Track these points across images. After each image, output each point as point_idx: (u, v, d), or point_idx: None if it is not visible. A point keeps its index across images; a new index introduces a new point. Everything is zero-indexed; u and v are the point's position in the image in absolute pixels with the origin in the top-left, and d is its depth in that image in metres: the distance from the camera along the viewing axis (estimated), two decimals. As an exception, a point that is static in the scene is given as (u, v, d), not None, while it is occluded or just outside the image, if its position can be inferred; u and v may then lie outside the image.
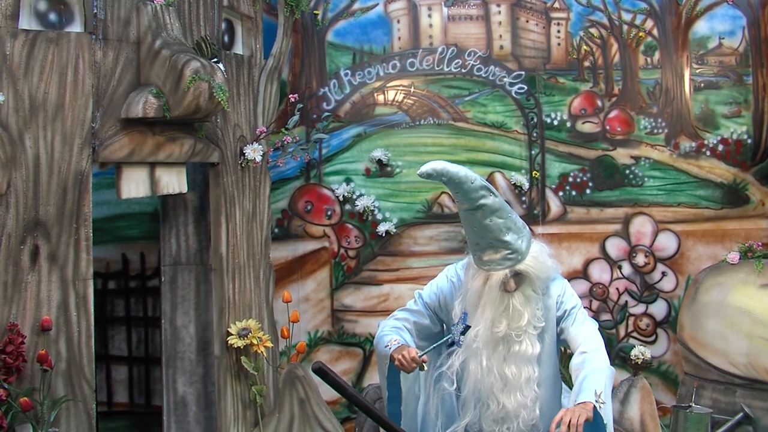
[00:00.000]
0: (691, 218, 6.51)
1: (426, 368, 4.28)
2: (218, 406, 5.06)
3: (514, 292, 4.28)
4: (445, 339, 4.45)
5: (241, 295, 5.25)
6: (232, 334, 5.04)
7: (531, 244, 4.34)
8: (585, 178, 6.43)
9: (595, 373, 4.19)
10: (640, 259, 6.49)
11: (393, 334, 4.48)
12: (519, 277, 4.27)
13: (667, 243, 6.51)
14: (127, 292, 6.08)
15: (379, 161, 6.31)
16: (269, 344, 5.17)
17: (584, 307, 4.49)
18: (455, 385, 4.41)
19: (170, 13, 4.66)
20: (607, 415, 4.11)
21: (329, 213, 6.34)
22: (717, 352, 5.85)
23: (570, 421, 3.93)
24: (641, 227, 6.51)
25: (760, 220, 6.50)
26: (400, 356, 4.24)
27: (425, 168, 4.05)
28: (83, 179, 4.44)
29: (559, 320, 4.41)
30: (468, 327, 4.31)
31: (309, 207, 6.34)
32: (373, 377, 6.24)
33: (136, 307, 6.08)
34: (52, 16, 4.50)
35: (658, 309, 6.49)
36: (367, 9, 6.46)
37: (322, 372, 4.30)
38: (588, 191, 6.45)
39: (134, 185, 4.64)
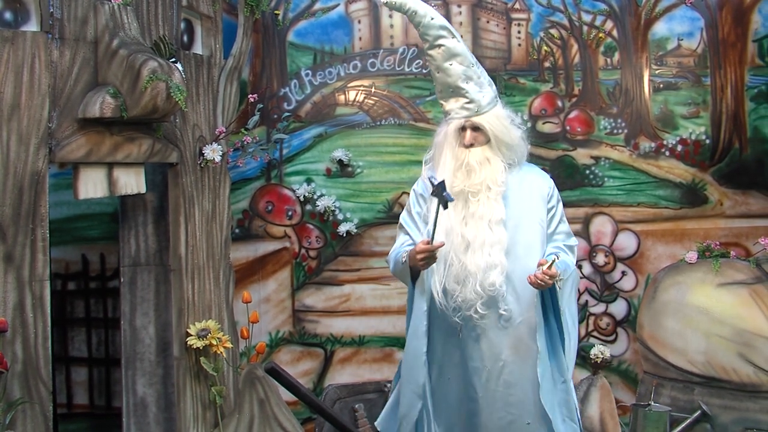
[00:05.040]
0: (650, 218, 6.55)
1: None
2: (178, 407, 5.04)
3: (472, 148, 4.32)
4: (436, 212, 4.09)
5: (201, 296, 5.23)
6: (191, 335, 5.02)
7: (496, 106, 4.40)
8: (545, 178, 6.43)
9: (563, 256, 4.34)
10: (600, 258, 6.53)
11: (401, 251, 4.44)
12: (477, 132, 4.32)
13: (626, 243, 6.54)
14: (87, 293, 6.03)
15: (340, 161, 6.30)
16: (229, 345, 5.15)
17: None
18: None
19: (128, 12, 4.64)
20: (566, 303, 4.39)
21: (290, 213, 6.33)
22: (676, 351, 5.90)
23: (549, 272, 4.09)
24: (601, 227, 6.54)
25: (718, 219, 6.55)
26: (416, 257, 4.18)
27: None
28: (40, 179, 4.40)
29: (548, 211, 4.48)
30: (442, 181, 4.08)
31: (270, 207, 6.33)
32: (334, 377, 6.25)
33: (96, 308, 6.04)
34: (8, 15, 4.45)
35: (618, 308, 6.52)
36: (328, 9, 6.45)
37: (275, 372, 4.30)
38: (548, 191, 6.48)
39: (92, 186, 4.60)
